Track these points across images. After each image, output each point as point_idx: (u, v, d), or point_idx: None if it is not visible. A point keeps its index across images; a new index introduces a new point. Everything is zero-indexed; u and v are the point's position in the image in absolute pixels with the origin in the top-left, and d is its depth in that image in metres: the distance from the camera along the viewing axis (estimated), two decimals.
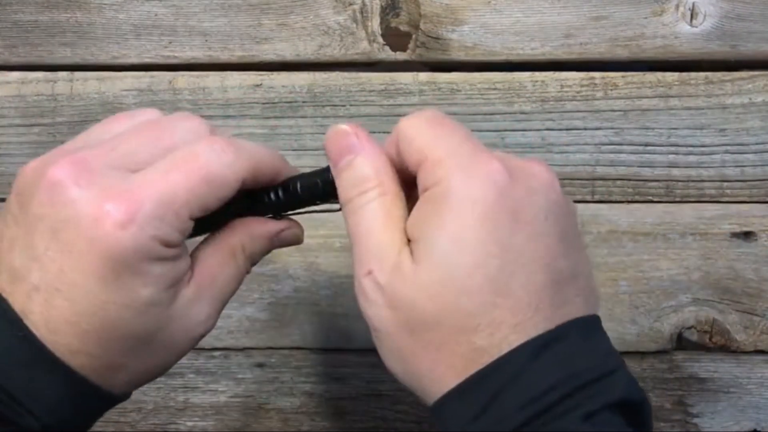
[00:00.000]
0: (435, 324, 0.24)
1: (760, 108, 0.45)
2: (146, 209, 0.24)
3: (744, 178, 0.46)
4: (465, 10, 0.45)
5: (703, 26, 0.45)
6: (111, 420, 0.47)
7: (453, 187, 0.24)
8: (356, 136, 0.28)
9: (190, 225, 0.26)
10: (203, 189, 0.25)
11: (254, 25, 0.46)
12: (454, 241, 0.24)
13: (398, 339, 0.25)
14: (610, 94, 0.46)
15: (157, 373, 0.28)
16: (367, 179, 0.27)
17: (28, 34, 0.46)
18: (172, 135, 0.27)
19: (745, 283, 0.46)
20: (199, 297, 0.27)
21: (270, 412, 0.47)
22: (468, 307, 0.24)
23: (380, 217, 0.26)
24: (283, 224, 0.31)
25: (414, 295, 0.24)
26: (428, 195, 0.25)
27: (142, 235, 0.24)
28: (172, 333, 0.27)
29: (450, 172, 0.25)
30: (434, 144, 0.26)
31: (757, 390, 0.46)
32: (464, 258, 0.24)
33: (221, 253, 0.29)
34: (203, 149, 0.26)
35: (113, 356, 0.25)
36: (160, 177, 0.25)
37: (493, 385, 0.23)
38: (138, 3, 0.46)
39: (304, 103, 0.46)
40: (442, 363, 0.24)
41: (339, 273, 0.47)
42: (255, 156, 0.28)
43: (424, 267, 0.24)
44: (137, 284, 0.24)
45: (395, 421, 0.47)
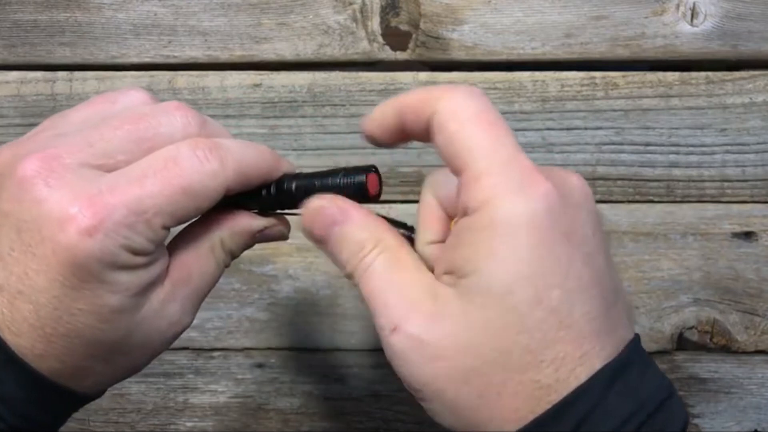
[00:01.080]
0: (493, 366, 0.22)
1: (761, 108, 0.45)
2: (115, 217, 0.22)
3: (745, 178, 0.46)
4: (465, 9, 0.45)
5: (703, 26, 0.45)
6: (111, 420, 0.47)
7: (502, 213, 0.22)
8: (337, 207, 0.26)
9: (163, 234, 0.24)
10: (180, 199, 0.24)
11: (254, 24, 0.46)
12: (511, 275, 0.21)
13: (449, 392, 0.23)
14: (611, 93, 0.45)
15: (131, 372, 0.27)
16: (362, 243, 0.25)
17: (27, 34, 0.46)
18: (155, 132, 0.25)
19: (746, 283, 0.46)
20: (173, 296, 0.26)
21: (270, 412, 0.47)
22: (530, 344, 0.21)
23: (392, 271, 0.24)
24: (269, 221, 0.29)
25: (466, 337, 0.22)
26: (470, 223, 0.22)
27: (108, 243, 0.22)
28: (144, 336, 0.25)
29: (497, 194, 0.22)
30: (478, 153, 0.22)
31: (758, 390, 0.46)
32: (523, 293, 0.21)
33: (198, 247, 0.27)
34: (185, 155, 0.24)
35: (80, 361, 0.24)
36: (134, 183, 0.23)
37: (567, 423, 0.21)
38: (137, 2, 0.46)
39: (303, 103, 0.46)
40: (506, 408, 0.22)
41: (339, 273, 0.47)
42: (242, 162, 0.26)
43: (476, 305, 0.22)
44: (102, 292, 0.23)
45: (395, 422, 0.47)
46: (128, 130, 0.24)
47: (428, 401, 0.24)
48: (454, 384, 0.22)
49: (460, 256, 0.23)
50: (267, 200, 0.28)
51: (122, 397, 0.47)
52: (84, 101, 0.27)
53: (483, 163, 0.22)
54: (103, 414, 0.47)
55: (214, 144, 0.25)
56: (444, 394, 0.23)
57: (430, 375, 0.23)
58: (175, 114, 0.25)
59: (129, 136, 0.24)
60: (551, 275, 0.22)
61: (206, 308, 0.47)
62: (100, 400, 0.27)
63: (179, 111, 0.26)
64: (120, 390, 0.47)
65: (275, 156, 0.28)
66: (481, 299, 0.22)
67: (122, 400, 0.47)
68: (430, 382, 0.23)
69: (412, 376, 0.23)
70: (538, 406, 0.22)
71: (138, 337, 0.25)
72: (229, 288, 0.47)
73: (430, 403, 0.24)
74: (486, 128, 0.23)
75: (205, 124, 0.26)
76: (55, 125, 0.26)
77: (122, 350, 0.25)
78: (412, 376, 0.23)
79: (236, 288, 0.47)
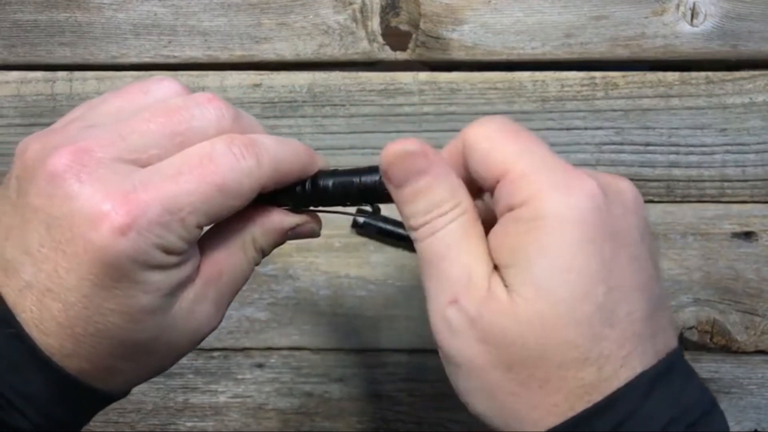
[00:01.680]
0: (538, 360, 0.22)
1: (761, 108, 0.45)
2: (149, 215, 0.22)
3: (745, 177, 0.46)
4: (465, 9, 0.45)
5: (703, 26, 0.45)
6: (111, 420, 0.47)
7: (549, 207, 0.22)
8: (425, 155, 0.24)
9: (197, 233, 0.24)
10: (215, 198, 0.23)
11: (254, 24, 0.46)
12: (558, 268, 0.21)
13: (490, 376, 0.22)
14: (611, 93, 0.45)
15: (158, 372, 0.27)
16: (443, 201, 0.24)
17: (27, 34, 0.46)
18: (188, 126, 0.24)
19: (746, 283, 0.46)
20: (204, 296, 0.25)
21: (269, 412, 0.47)
22: (576, 339, 0.21)
23: (462, 239, 0.23)
24: (302, 218, 0.28)
25: (514, 329, 0.22)
26: (517, 215, 0.22)
27: (141, 243, 0.22)
28: (173, 336, 0.25)
29: (542, 189, 0.22)
30: (516, 157, 0.23)
31: (758, 390, 0.46)
32: (571, 286, 0.21)
33: (230, 245, 0.26)
34: (221, 152, 0.23)
35: (109, 361, 0.24)
36: (168, 180, 0.22)
37: (607, 424, 0.21)
38: (137, 2, 0.46)
39: (303, 103, 0.46)
40: (545, 401, 0.22)
41: (339, 273, 0.47)
42: (278, 159, 0.25)
43: (524, 297, 0.22)
44: (134, 292, 0.22)
45: (395, 422, 0.47)
46: (162, 123, 0.24)
47: (466, 379, 0.23)
48: (496, 369, 0.22)
49: (507, 246, 0.23)
50: (301, 197, 0.27)
51: None
52: (113, 91, 0.26)
53: (523, 164, 0.23)
54: (102, 414, 0.47)
55: (250, 141, 0.24)
56: (485, 375, 0.23)
57: (475, 355, 0.22)
58: (208, 107, 0.25)
59: (162, 129, 0.24)
60: (597, 271, 0.21)
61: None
62: None
63: (212, 103, 0.25)
64: None
65: (310, 152, 0.27)
66: (529, 291, 0.22)
67: (122, 400, 0.47)
68: (474, 362, 0.23)
69: (458, 350, 0.23)
70: (578, 404, 0.21)
71: (167, 337, 0.25)
72: None
73: (467, 380, 0.23)
74: (515, 137, 0.23)
75: (239, 117, 0.26)
76: (86, 116, 0.25)
77: (151, 350, 0.25)
78: (458, 350, 0.23)
79: None
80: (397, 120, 0.46)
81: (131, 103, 0.25)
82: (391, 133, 0.46)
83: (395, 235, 0.46)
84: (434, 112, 0.46)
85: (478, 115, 0.45)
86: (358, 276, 0.47)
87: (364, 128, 0.46)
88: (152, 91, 0.26)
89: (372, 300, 0.47)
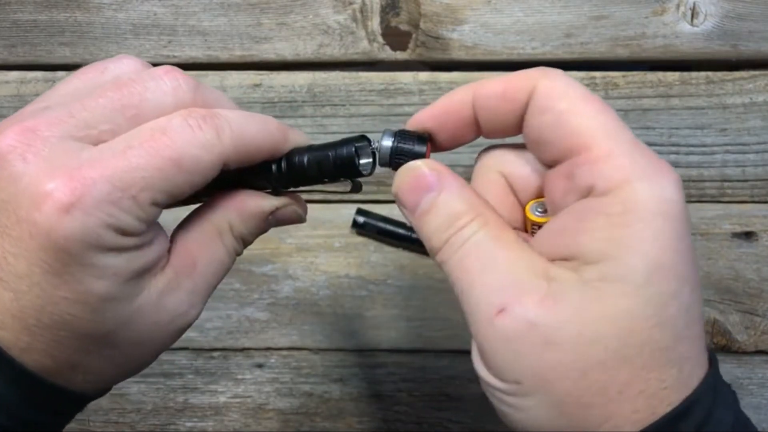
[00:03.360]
0: (620, 362, 0.20)
1: (761, 108, 0.45)
2: (95, 192, 0.20)
3: (745, 177, 0.46)
4: (465, 9, 0.45)
5: (704, 26, 0.45)
6: (111, 421, 0.47)
7: (643, 200, 0.20)
8: (432, 171, 0.23)
9: (154, 212, 0.22)
10: (170, 173, 0.21)
11: (254, 24, 0.46)
12: (650, 266, 0.20)
13: (558, 387, 0.20)
14: (611, 93, 0.45)
15: (133, 369, 0.25)
16: (460, 214, 0.22)
17: (27, 34, 0.46)
18: (140, 98, 0.22)
19: (746, 283, 0.46)
20: (177, 286, 0.24)
21: (269, 412, 0.47)
22: (661, 340, 0.20)
23: (495, 248, 0.22)
24: (281, 201, 0.26)
25: (592, 328, 0.20)
26: (604, 205, 0.20)
27: (89, 222, 0.20)
28: (142, 328, 0.23)
29: (632, 177, 0.20)
30: (602, 131, 0.21)
31: (759, 391, 0.46)
32: (663, 285, 0.20)
33: (204, 232, 0.25)
34: (175, 124, 0.22)
35: (70, 355, 0.22)
36: (118, 155, 0.21)
37: (690, 426, 0.20)
38: (137, 2, 0.46)
39: (303, 103, 0.46)
40: (623, 409, 0.20)
41: (339, 273, 0.47)
42: (242, 133, 0.23)
43: (609, 294, 0.20)
44: (87, 278, 0.21)
45: (395, 422, 0.47)
46: (111, 98, 0.22)
47: (524, 396, 0.21)
48: (570, 377, 0.20)
49: (587, 240, 0.20)
50: (278, 177, 0.25)
51: (122, 398, 0.47)
52: (74, 72, 0.25)
53: (609, 143, 0.21)
54: (102, 414, 0.47)
55: (209, 113, 0.23)
56: (552, 387, 0.20)
57: (540, 365, 0.20)
58: (165, 78, 0.23)
59: (112, 104, 0.22)
60: (684, 270, 0.20)
61: (206, 308, 0.47)
62: (99, 400, 0.26)
63: (168, 75, 0.23)
64: (120, 390, 0.47)
65: (282, 127, 0.25)
66: (617, 289, 0.20)
67: (122, 401, 0.47)
68: (539, 373, 0.20)
69: (515, 364, 0.20)
70: (659, 408, 0.20)
71: (135, 330, 0.23)
72: (229, 288, 0.47)
73: (525, 398, 0.21)
74: (600, 109, 0.21)
75: (199, 88, 0.24)
76: (43, 98, 0.24)
77: (115, 344, 0.23)
78: (515, 364, 0.20)
79: (236, 288, 0.47)
80: (397, 120, 0.46)
81: (88, 82, 0.24)
82: None
83: (395, 235, 0.46)
84: None
85: None
86: (358, 276, 0.47)
87: (364, 128, 0.46)
88: (110, 68, 0.24)
89: (372, 300, 0.47)
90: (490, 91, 0.23)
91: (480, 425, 0.46)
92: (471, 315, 0.22)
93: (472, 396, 0.46)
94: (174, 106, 0.23)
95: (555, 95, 0.22)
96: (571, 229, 0.21)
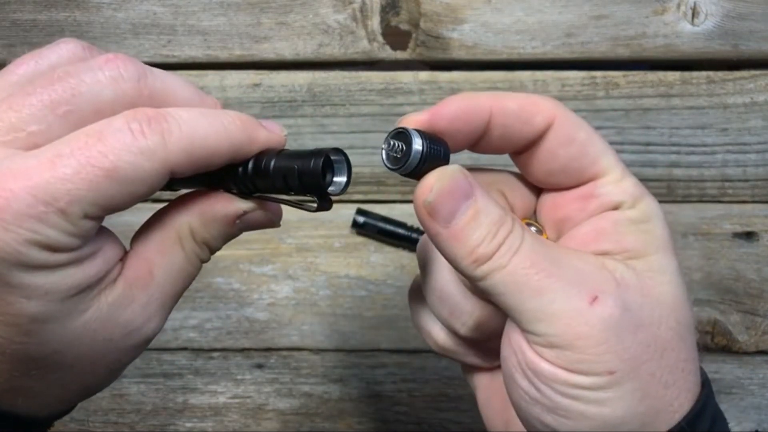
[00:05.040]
0: (680, 341, 0.22)
1: (762, 107, 0.45)
2: (15, 206, 0.18)
3: (746, 177, 0.46)
4: (465, 8, 0.45)
5: (704, 25, 0.45)
6: (110, 421, 0.47)
7: (655, 210, 0.24)
8: (466, 176, 0.22)
9: (88, 225, 0.20)
10: (103, 184, 0.19)
11: (253, 24, 0.46)
12: (676, 261, 0.23)
13: (647, 368, 0.21)
14: (612, 93, 0.45)
15: (92, 388, 0.23)
16: (502, 218, 0.22)
17: (26, 33, 0.46)
18: (73, 92, 0.20)
19: (747, 283, 0.46)
20: (130, 299, 0.22)
21: (269, 413, 0.47)
22: (693, 322, 0.23)
23: (546, 245, 0.22)
24: (249, 204, 0.23)
25: (657, 309, 0.22)
26: (634, 215, 0.24)
27: (9, 239, 0.18)
28: (94, 346, 0.21)
29: (644, 194, 0.24)
30: (611, 157, 0.24)
31: (759, 391, 0.46)
32: (681, 275, 0.23)
33: (163, 239, 0.22)
34: (114, 128, 0.19)
35: (11, 380, 0.20)
36: (44, 165, 0.19)
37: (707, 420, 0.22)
38: (137, 2, 0.46)
39: (303, 103, 0.46)
40: (685, 386, 0.22)
41: (338, 273, 0.47)
42: (193, 136, 0.20)
43: (658, 281, 0.22)
44: (14, 298, 0.19)
45: (395, 422, 0.47)
46: (41, 93, 0.20)
47: (613, 387, 0.21)
48: (655, 357, 0.21)
49: (631, 240, 0.23)
50: (243, 180, 0.23)
51: (121, 398, 0.47)
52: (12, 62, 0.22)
53: (620, 168, 0.24)
54: (102, 414, 0.47)
55: (157, 114, 0.20)
56: (641, 370, 0.21)
57: (635, 347, 0.21)
58: (103, 68, 0.20)
59: (41, 101, 0.20)
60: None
61: (206, 308, 0.47)
62: (99, 401, 0.26)
63: (109, 63, 0.21)
64: (119, 390, 0.47)
65: (249, 128, 0.22)
66: (663, 277, 0.23)
67: (121, 401, 0.47)
68: (634, 356, 0.21)
69: (612, 351, 0.21)
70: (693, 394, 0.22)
71: (84, 348, 0.21)
72: (229, 288, 0.47)
73: (613, 389, 0.21)
74: (601, 138, 0.24)
75: (144, 77, 0.21)
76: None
77: (59, 366, 0.21)
78: (612, 351, 0.21)
79: (236, 288, 0.47)
80: (398, 119, 0.46)
81: (21, 77, 0.22)
82: None
83: (395, 235, 0.46)
84: None
85: None
86: (358, 276, 0.47)
87: (364, 128, 0.46)
88: (45, 56, 0.22)
89: (372, 300, 0.47)
90: (508, 108, 0.23)
91: (480, 425, 0.46)
92: (552, 315, 0.21)
93: (472, 396, 0.46)
94: (114, 100, 0.21)
95: (574, 127, 0.24)
96: (611, 232, 0.23)
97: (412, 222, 0.46)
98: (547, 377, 0.21)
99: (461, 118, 0.23)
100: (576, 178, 0.24)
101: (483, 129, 0.23)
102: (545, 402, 0.21)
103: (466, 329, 0.25)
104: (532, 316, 0.21)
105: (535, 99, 0.23)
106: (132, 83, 0.21)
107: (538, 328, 0.21)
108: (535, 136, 0.23)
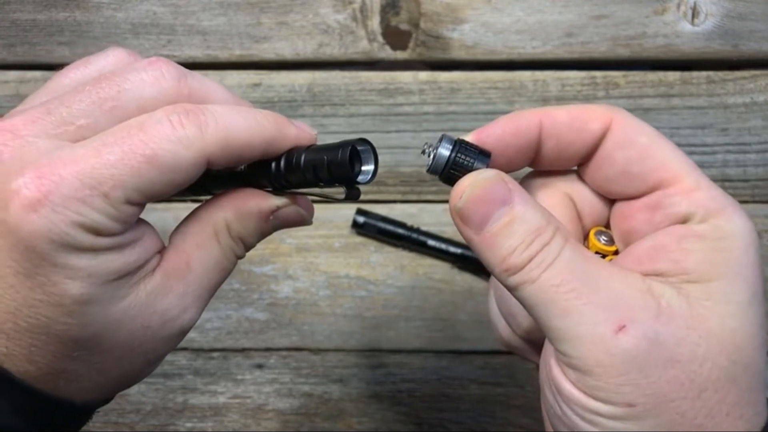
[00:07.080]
0: (729, 382, 0.20)
1: (762, 107, 0.45)
2: (63, 189, 0.19)
3: (746, 177, 0.46)
4: (465, 8, 0.45)
5: (704, 25, 0.45)
6: (110, 421, 0.47)
7: (737, 228, 0.21)
8: (504, 181, 0.21)
9: (130, 211, 0.21)
10: (146, 171, 0.20)
11: (253, 24, 0.46)
12: (749, 289, 0.20)
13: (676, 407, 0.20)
14: (612, 93, 0.45)
15: (129, 377, 0.24)
16: (541, 228, 0.21)
17: (26, 33, 0.46)
18: (119, 89, 0.21)
19: None
20: (168, 289, 0.22)
21: (269, 413, 0.47)
22: (760, 363, 0.20)
23: (588, 262, 0.21)
24: (282, 200, 0.24)
25: (703, 345, 0.20)
26: (704, 232, 0.21)
27: (57, 220, 0.19)
28: (132, 333, 0.22)
29: (726, 208, 0.21)
30: (684, 165, 0.22)
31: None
32: (760, 309, 0.21)
33: (200, 233, 0.23)
34: (155, 119, 0.21)
35: (54, 361, 0.21)
36: (90, 151, 0.20)
37: None
38: (137, 2, 0.46)
39: (303, 102, 0.46)
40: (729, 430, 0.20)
41: (338, 273, 0.47)
42: (229, 129, 0.22)
43: (717, 313, 0.20)
44: (59, 278, 0.20)
45: (395, 422, 0.47)
46: (89, 91, 0.21)
47: (633, 420, 0.20)
48: (688, 396, 0.20)
49: (692, 260, 0.21)
50: (276, 176, 0.24)
51: (121, 398, 0.47)
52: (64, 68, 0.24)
53: (695, 175, 0.22)
54: (102, 414, 0.47)
55: (194, 108, 0.21)
56: (668, 408, 0.20)
57: (661, 384, 0.19)
58: (147, 69, 0.22)
59: (89, 97, 0.21)
60: (763, 294, 0.21)
61: (206, 308, 0.47)
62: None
63: (152, 65, 0.22)
64: None
65: (280, 124, 0.24)
66: (723, 308, 0.20)
67: (121, 401, 0.47)
68: (659, 392, 0.20)
69: (634, 385, 0.20)
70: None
71: (120, 334, 0.22)
72: (229, 288, 0.47)
73: (634, 422, 0.20)
74: (673, 145, 0.22)
75: (184, 77, 0.23)
76: (30, 98, 0.24)
77: (100, 349, 0.22)
78: (634, 385, 0.20)
79: (236, 288, 0.47)
80: (398, 119, 0.46)
81: (73, 79, 0.24)
82: (391, 132, 0.46)
83: (395, 235, 0.46)
84: (434, 111, 0.46)
85: (479, 115, 0.46)
86: (358, 276, 0.47)
87: (364, 127, 0.46)
88: (94, 62, 0.24)
89: (372, 300, 0.47)
90: (559, 118, 0.23)
91: (480, 426, 0.45)
92: (576, 338, 0.20)
93: (472, 396, 0.46)
94: (155, 98, 0.22)
95: (633, 130, 0.22)
96: (672, 249, 0.21)
97: (412, 222, 0.46)
98: (567, 397, 0.21)
99: (509, 133, 0.23)
100: (639, 185, 0.23)
101: (535, 142, 0.23)
102: (566, 421, 0.21)
103: (521, 331, 0.25)
104: (559, 334, 0.20)
105: (588, 107, 0.23)
106: (173, 82, 0.22)
107: (563, 348, 0.20)
108: (592, 144, 0.23)
